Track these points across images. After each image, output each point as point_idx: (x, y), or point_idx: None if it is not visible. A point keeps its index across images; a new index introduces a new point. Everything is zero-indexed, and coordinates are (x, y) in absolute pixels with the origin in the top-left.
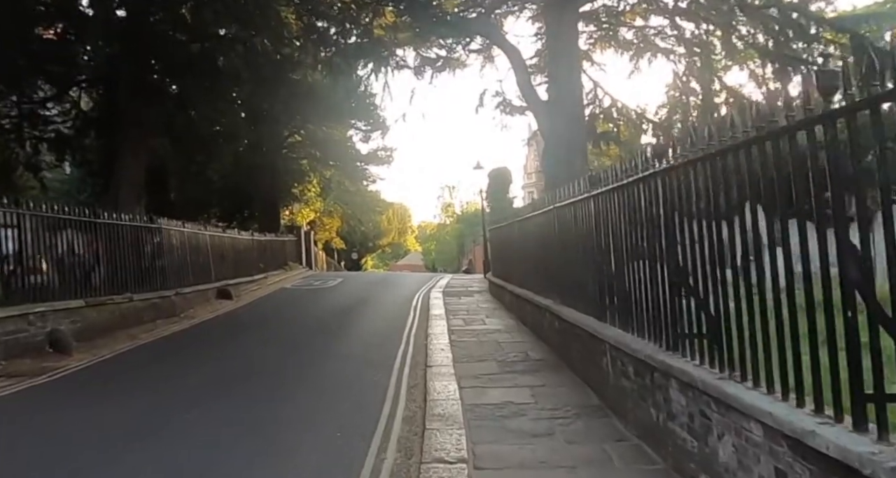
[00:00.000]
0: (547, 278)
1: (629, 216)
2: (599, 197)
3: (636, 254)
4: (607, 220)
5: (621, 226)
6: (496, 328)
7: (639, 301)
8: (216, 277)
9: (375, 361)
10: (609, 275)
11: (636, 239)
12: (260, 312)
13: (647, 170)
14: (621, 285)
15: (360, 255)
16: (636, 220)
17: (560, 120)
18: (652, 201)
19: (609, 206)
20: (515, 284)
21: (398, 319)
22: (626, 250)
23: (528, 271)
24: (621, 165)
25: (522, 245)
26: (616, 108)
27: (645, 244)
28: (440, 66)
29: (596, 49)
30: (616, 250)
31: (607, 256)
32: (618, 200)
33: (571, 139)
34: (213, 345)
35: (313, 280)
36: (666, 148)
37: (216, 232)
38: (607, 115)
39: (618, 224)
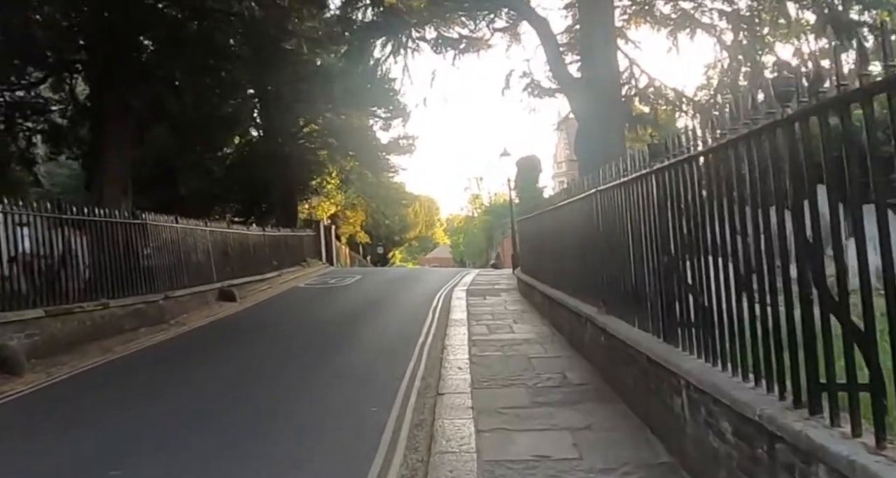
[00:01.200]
0: (587, 279)
1: (722, 193)
2: (667, 172)
3: (737, 251)
4: (681, 201)
5: (706, 209)
6: (525, 338)
7: (744, 323)
8: (218, 277)
9: (378, 383)
10: (683, 279)
11: (738, 228)
12: (260, 317)
13: (767, 120)
14: (708, 296)
15: (386, 249)
16: (739, 197)
17: (594, 99)
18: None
19: (684, 182)
20: (548, 284)
21: (413, 325)
22: (721, 245)
23: (563, 269)
24: (712, 121)
25: (556, 238)
26: (653, 87)
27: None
28: (463, 47)
29: (630, 25)
30: (696, 245)
31: (682, 254)
32: (699, 171)
33: (607, 120)
34: (191, 360)
35: (330, 278)
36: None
37: (219, 228)
38: (643, 96)
39: (699, 207)
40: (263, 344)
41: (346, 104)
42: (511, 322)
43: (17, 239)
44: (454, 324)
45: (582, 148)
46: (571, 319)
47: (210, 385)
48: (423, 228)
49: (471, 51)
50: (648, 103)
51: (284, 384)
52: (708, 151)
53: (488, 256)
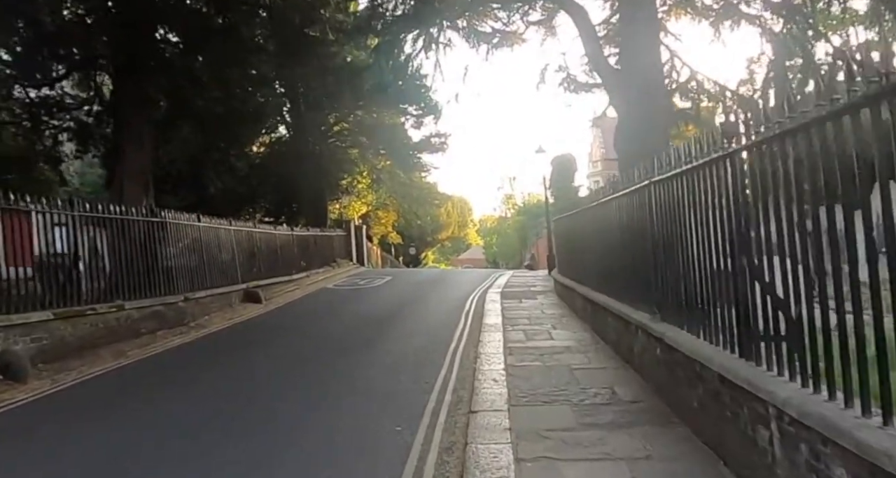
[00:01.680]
0: (637, 282)
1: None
2: (750, 153)
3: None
4: (768, 191)
5: (811, 198)
6: (566, 346)
7: (866, 340)
8: (243, 277)
9: (403, 396)
10: (768, 286)
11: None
12: (283, 320)
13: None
14: (808, 305)
15: (418, 249)
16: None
17: (636, 93)
18: None
19: (773, 165)
20: (589, 287)
21: (444, 330)
22: (830, 244)
23: (608, 271)
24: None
25: (598, 237)
26: (695, 81)
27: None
28: (497, 41)
29: (671, 16)
30: (792, 245)
31: (767, 255)
32: (799, 150)
33: (649, 115)
34: (204, 367)
35: (359, 279)
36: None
37: (244, 227)
38: (683, 90)
39: (796, 198)
40: (283, 350)
41: (377, 101)
42: (549, 328)
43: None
44: (488, 329)
45: (622, 144)
46: (618, 325)
47: (216, 398)
48: (456, 229)
49: (504, 45)
50: (689, 98)
51: (299, 397)
52: (820, 120)
53: (522, 257)
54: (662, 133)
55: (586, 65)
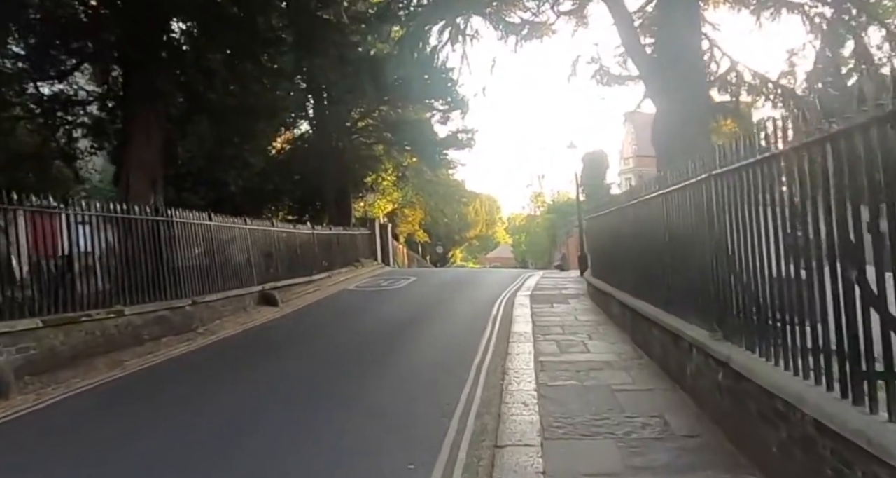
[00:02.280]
0: (690, 290)
1: None
2: (860, 135)
3: None
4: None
5: None
6: (605, 360)
7: None
8: (259, 279)
9: (419, 422)
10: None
11: None
12: (297, 326)
13: None
14: None
15: (445, 248)
16: None
17: (675, 82)
18: None
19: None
20: (628, 292)
21: (468, 339)
22: None
23: (651, 276)
24: None
25: (640, 238)
26: (735, 73)
27: None
28: (526, 33)
29: (709, 5)
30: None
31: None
32: None
33: (689, 106)
34: (200, 383)
35: (382, 280)
36: None
37: (261, 226)
38: (723, 82)
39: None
40: (291, 361)
41: (402, 96)
42: (585, 338)
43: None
44: (517, 339)
45: (660, 138)
46: (665, 340)
47: (205, 423)
48: (484, 227)
49: (534, 37)
50: (729, 91)
51: (302, 422)
52: None
53: (551, 257)
54: (703, 127)
55: (620, 56)
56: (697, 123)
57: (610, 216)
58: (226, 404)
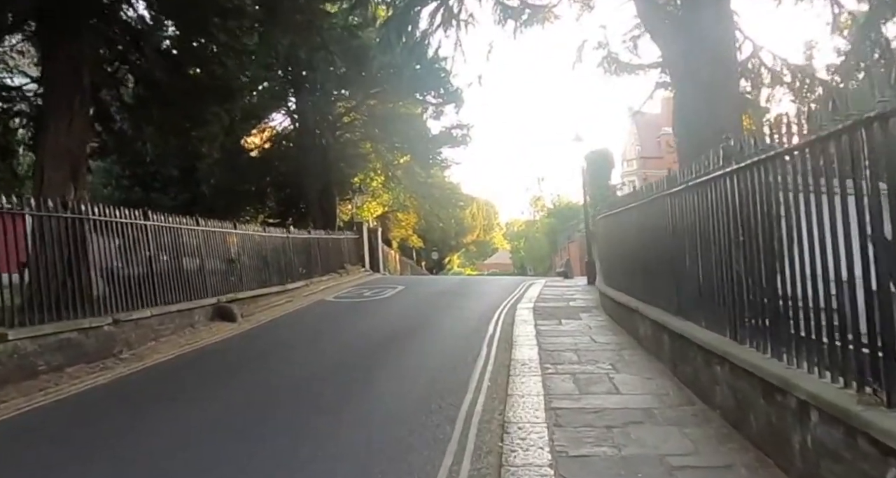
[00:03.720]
0: (811, 317)
1: None
2: None
3: None
4: None
5: None
6: (644, 407)
7: None
8: (216, 289)
9: None
10: None
11: None
12: (250, 348)
13: None
14: None
15: (441, 254)
16: None
17: (703, 63)
18: None
19: None
20: (665, 309)
21: (457, 369)
22: None
23: (710, 290)
24: None
25: (670, 240)
26: (757, 59)
27: None
28: (526, 18)
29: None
30: None
31: None
32: None
33: (719, 90)
34: (94, 436)
35: (367, 289)
36: None
37: (219, 228)
38: (744, 69)
39: None
40: (216, 403)
41: (391, 89)
42: (609, 369)
43: None
44: (519, 370)
45: (683, 127)
46: (744, 387)
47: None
48: (482, 233)
49: (534, 22)
50: (752, 79)
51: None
52: None
53: (552, 263)
54: (735, 112)
55: (630, 40)
56: (728, 109)
57: (625, 215)
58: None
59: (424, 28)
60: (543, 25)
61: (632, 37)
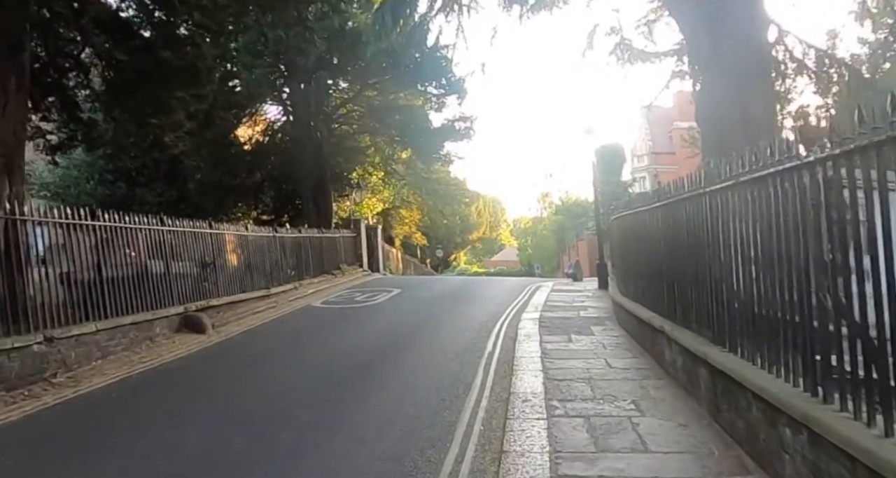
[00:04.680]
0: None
1: None
2: None
3: None
4: None
5: None
6: (682, 476)
7: None
8: (183, 297)
9: None
10: None
11: None
12: (211, 367)
13: None
14: None
15: (446, 251)
16: None
17: (731, 44)
18: None
19: None
20: (696, 331)
21: (445, 408)
22: None
23: (735, 311)
24: None
25: (711, 249)
26: (782, 44)
27: None
28: (533, 3)
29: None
30: None
31: None
32: None
33: (749, 76)
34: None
35: (360, 292)
36: None
37: (190, 228)
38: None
39: None
40: (152, 448)
41: (390, 79)
42: (631, 410)
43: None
44: (520, 411)
45: (708, 116)
46: (844, 473)
47: None
48: (488, 230)
49: (542, 8)
50: (775, 68)
51: None
52: None
53: (560, 261)
54: (768, 100)
55: (645, 25)
56: (760, 96)
57: (652, 214)
58: None
59: (423, 12)
60: (551, 11)
61: (647, 22)
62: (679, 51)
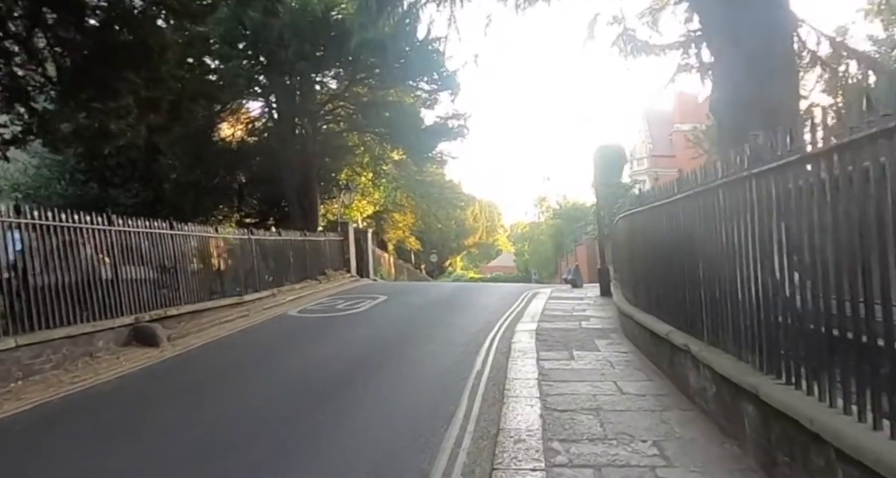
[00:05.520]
0: None
1: None
2: None
3: None
4: None
5: None
6: None
7: None
8: (135, 305)
9: None
10: None
11: None
12: (153, 391)
13: None
14: None
15: (441, 256)
16: None
17: (751, 24)
18: None
19: None
20: (736, 354)
21: (418, 450)
22: None
23: (799, 332)
24: None
25: (763, 249)
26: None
27: None
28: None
29: None
30: None
31: None
32: None
33: (772, 59)
34: None
35: (343, 299)
36: None
37: (146, 229)
38: None
39: None
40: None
41: (379, 73)
42: (654, 457)
43: None
44: (510, 459)
45: (725, 102)
46: None
47: None
48: (484, 234)
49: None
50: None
51: None
52: None
53: (558, 266)
54: (792, 85)
55: (650, 14)
56: (784, 81)
57: (671, 209)
58: None
59: (412, 0)
60: (549, 3)
61: (651, 10)
62: (685, 43)
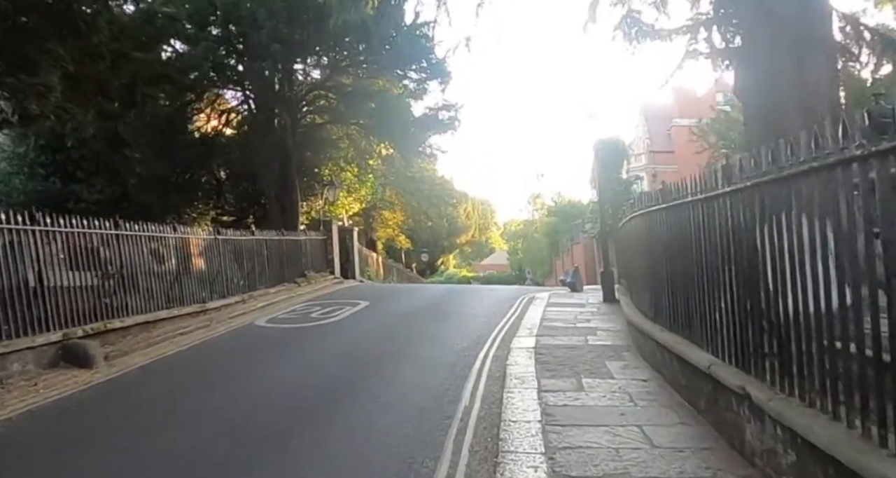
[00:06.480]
0: None
1: None
2: None
3: None
4: None
5: None
6: None
7: None
8: (66, 319)
9: None
10: None
11: None
12: (66, 429)
13: None
14: None
15: (432, 255)
16: None
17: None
18: None
19: None
20: (872, 424)
21: None
22: None
23: None
24: None
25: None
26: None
27: None
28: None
29: None
30: None
31: None
32: None
33: (805, 44)
34: None
35: (320, 305)
36: None
37: (80, 229)
38: None
39: None
40: None
41: (364, 61)
42: None
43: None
44: None
45: (752, 83)
46: None
47: None
48: (477, 233)
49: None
50: None
51: None
52: None
53: (553, 266)
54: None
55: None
56: (820, 62)
57: (677, 210)
58: None
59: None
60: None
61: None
62: (693, 27)
